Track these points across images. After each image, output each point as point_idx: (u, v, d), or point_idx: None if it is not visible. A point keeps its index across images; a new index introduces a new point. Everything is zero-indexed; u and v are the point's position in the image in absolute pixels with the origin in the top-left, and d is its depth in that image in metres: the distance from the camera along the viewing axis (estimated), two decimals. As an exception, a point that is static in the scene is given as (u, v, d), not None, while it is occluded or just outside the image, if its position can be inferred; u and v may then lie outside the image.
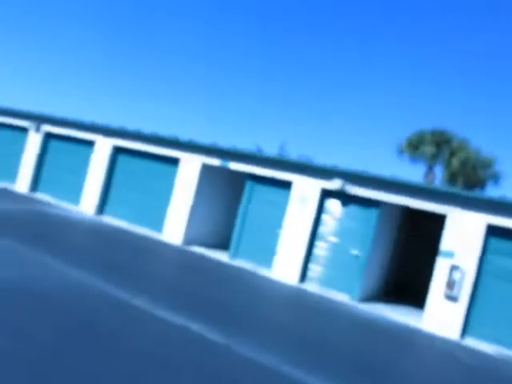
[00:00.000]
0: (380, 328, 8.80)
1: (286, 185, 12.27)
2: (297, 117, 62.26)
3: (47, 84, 78.75)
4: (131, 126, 17.29)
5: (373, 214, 11.04)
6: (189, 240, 13.56)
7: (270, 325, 7.00)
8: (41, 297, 5.57)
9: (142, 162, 15.02)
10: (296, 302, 9.73)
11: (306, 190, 11.78)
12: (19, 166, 17.89)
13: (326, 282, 11.30)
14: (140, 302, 6.29)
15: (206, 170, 13.80)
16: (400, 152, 24.12)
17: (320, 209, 11.69)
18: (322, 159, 50.98)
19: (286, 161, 12.22)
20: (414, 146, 23.33)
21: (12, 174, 18.12)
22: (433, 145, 22.84)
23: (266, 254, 12.17)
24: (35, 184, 17.40)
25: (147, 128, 15.07)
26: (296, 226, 11.72)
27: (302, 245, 11.55)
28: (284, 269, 11.65)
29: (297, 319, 7.93)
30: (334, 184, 11.25)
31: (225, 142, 17.08)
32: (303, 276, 11.59)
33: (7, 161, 18.47)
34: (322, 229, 11.60)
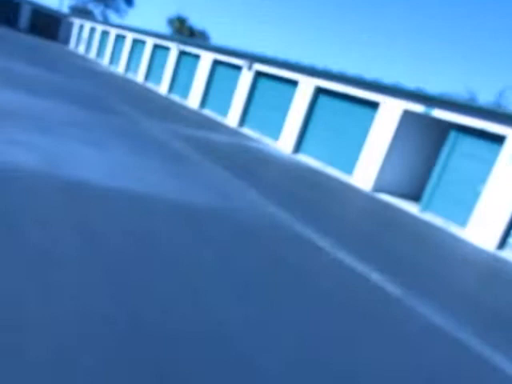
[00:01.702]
0: None
1: (498, 139, 10.85)
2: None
3: (256, 24, 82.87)
4: (334, 67, 17.25)
5: None
6: (378, 187, 13.32)
7: (474, 304, 6.58)
8: (239, 224, 6.27)
9: (341, 104, 15.01)
10: (496, 274, 8.82)
11: (521, 146, 10.24)
12: (231, 101, 19.75)
13: (531, 253, 9.92)
14: (325, 244, 6.56)
15: (407, 116, 13.07)
16: None
17: (537, 170, 10.08)
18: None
19: (500, 112, 10.72)
20: None
21: (224, 108, 20.15)
22: None
23: (462, 211, 11.21)
24: (243, 119, 19.05)
25: (349, 70, 14.86)
26: (503, 185, 10.41)
27: (508, 207, 10.26)
28: (480, 230, 10.60)
29: (500, 298, 7.26)
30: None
31: (431, 88, 15.79)
32: (503, 242, 10.39)
33: (222, 96, 20.56)
34: (535, 193, 10.06)
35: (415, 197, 14.09)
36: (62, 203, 4.64)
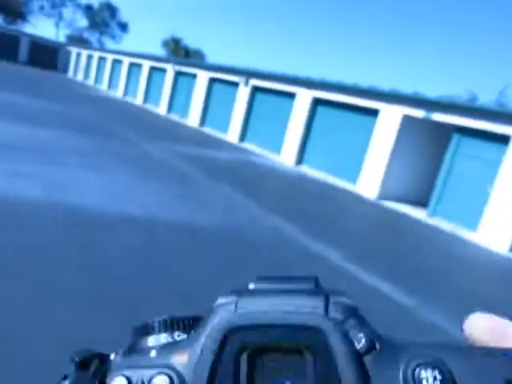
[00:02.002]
0: None
1: (503, 139, 10.67)
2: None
3: (252, 40, 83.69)
4: (331, 77, 17.27)
5: None
6: (384, 194, 13.13)
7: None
8: (244, 240, 6.13)
9: (341, 113, 14.92)
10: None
11: (527, 144, 10.06)
12: (231, 117, 19.73)
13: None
14: (333, 256, 6.40)
15: (407, 121, 12.94)
16: None
17: (544, 168, 9.89)
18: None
19: (503, 111, 10.57)
20: None
21: (224, 125, 20.13)
22: None
23: (471, 214, 10.99)
24: (243, 134, 19.00)
25: (346, 79, 14.85)
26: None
27: (516, 208, 10.04)
28: (492, 233, 10.37)
29: None
30: None
31: (430, 91, 15.69)
32: (516, 244, 10.13)
33: (221, 113, 20.56)
34: (544, 191, 9.84)
35: (422, 202, 13.89)
36: (66, 234, 4.52)
